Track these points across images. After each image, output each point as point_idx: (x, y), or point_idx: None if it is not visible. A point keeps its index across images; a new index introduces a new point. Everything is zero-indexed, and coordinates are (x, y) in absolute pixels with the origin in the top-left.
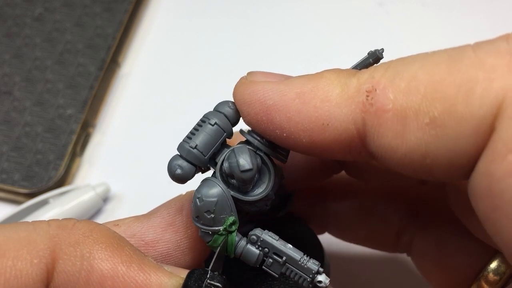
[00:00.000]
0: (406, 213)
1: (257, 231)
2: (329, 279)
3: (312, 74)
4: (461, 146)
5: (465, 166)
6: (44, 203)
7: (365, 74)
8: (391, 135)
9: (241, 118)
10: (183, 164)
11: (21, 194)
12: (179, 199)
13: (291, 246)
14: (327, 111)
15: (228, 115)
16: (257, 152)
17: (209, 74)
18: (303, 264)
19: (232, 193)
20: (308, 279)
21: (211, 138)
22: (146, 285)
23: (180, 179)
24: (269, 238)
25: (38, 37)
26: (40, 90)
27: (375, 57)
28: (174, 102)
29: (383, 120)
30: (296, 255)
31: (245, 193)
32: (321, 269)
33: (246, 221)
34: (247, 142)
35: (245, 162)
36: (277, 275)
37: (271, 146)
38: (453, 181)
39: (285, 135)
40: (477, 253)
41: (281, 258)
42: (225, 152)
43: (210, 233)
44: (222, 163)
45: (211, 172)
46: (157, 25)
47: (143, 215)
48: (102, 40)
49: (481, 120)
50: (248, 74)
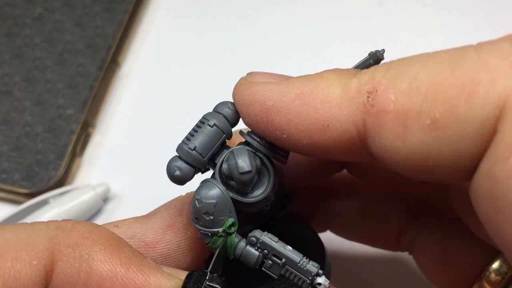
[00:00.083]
0: (407, 212)
1: (257, 233)
2: (328, 281)
3: (312, 75)
4: (463, 148)
5: (467, 168)
6: (44, 203)
7: (365, 74)
8: (392, 137)
9: (240, 118)
10: (182, 165)
11: (21, 194)
12: (179, 200)
13: (290, 248)
14: (327, 112)
15: (228, 116)
16: (256, 153)
17: (209, 74)
18: (302, 266)
19: (231, 194)
20: (308, 281)
21: (210, 139)
22: (145, 287)
23: (179, 180)
24: (269, 239)
25: (38, 37)
26: (40, 90)
27: (375, 58)
28: (174, 102)
29: (384, 122)
30: (295, 257)
31: (245, 194)
32: (320, 271)
33: (246, 221)
34: (246, 143)
35: (244, 164)
36: (276, 277)
37: (270, 147)
38: (455, 182)
39: (285, 136)
40: (479, 253)
41: (280, 260)
42: (224, 154)
43: (209, 234)
44: (221, 165)
45: (210, 173)
46: (157, 25)
47: (143, 216)
48: (102, 40)
49: (483, 121)
50: (248, 74)
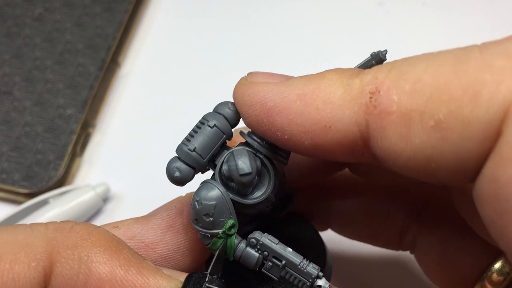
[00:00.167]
0: (410, 211)
1: (257, 234)
2: (328, 284)
3: (314, 75)
4: (467, 150)
5: (471, 170)
6: (44, 203)
7: (368, 75)
8: (395, 138)
9: (241, 118)
10: (182, 166)
11: (21, 194)
12: (179, 201)
13: (290, 250)
14: (329, 113)
15: (228, 116)
16: (256, 154)
17: (209, 74)
18: (302, 268)
19: (231, 196)
20: (308, 283)
21: (210, 140)
22: None
23: (178, 181)
24: (269, 241)
25: (38, 37)
26: (40, 90)
27: (378, 59)
28: (174, 102)
29: (387, 123)
30: (295, 259)
31: (245, 196)
32: (320, 274)
33: (247, 221)
34: (247, 144)
35: (244, 166)
36: (276, 278)
37: (271, 148)
38: (458, 184)
39: (286, 137)
40: (481, 253)
41: (280, 261)
42: (225, 155)
43: (209, 236)
44: (221, 166)
45: (210, 173)
46: (157, 25)
47: (142, 217)
48: (102, 40)
49: (488, 123)
50: (249, 74)
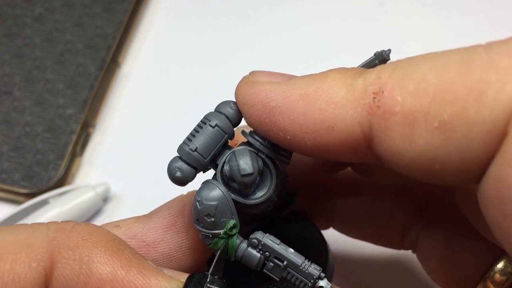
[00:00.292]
0: (412, 210)
1: (258, 235)
2: (330, 284)
3: (316, 74)
4: (471, 151)
5: (476, 171)
6: (44, 203)
7: (371, 74)
8: (399, 139)
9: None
10: (183, 166)
11: (21, 194)
12: (180, 200)
13: (292, 251)
14: (332, 113)
15: (230, 116)
16: (258, 154)
17: (209, 74)
18: (304, 269)
19: (232, 196)
20: (310, 284)
21: (211, 140)
22: None
23: (180, 181)
24: (270, 242)
25: (38, 37)
26: (40, 90)
27: (381, 58)
28: (174, 102)
29: (390, 123)
30: (297, 260)
31: (246, 196)
32: (322, 274)
33: (248, 220)
34: (248, 143)
35: (246, 166)
36: (278, 279)
37: (273, 148)
38: (462, 185)
39: (288, 137)
40: (484, 252)
41: (282, 262)
42: (226, 154)
43: (211, 236)
44: (223, 166)
45: (212, 172)
46: (157, 25)
47: (144, 216)
48: (102, 40)
49: (493, 124)
50: (251, 73)
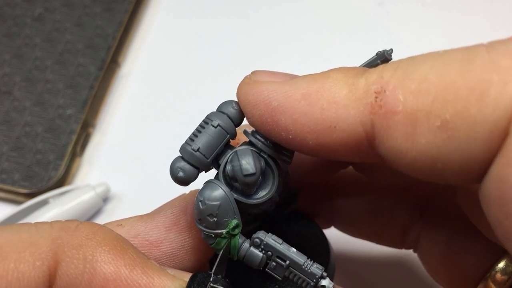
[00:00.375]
0: (413, 209)
1: (261, 234)
2: (332, 284)
3: (318, 74)
4: (473, 150)
5: (477, 170)
6: (44, 203)
7: (373, 74)
8: (401, 138)
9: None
10: (185, 166)
11: (21, 194)
12: (183, 198)
13: (294, 250)
14: (334, 113)
15: (232, 116)
16: (260, 154)
17: (209, 74)
18: (306, 269)
19: (235, 196)
20: (312, 284)
21: (213, 140)
22: None
23: (182, 181)
24: (273, 241)
25: (38, 37)
26: (40, 90)
27: (383, 58)
28: (174, 102)
29: (392, 123)
30: (299, 259)
31: (249, 196)
32: (324, 274)
33: (251, 219)
34: (251, 143)
35: (248, 166)
36: (280, 278)
37: (275, 148)
38: (464, 184)
39: (290, 137)
40: (485, 252)
41: (284, 261)
42: (228, 154)
43: (213, 236)
44: (225, 166)
45: (214, 172)
46: (157, 25)
47: (146, 215)
48: (102, 40)
49: (494, 123)
50: (252, 73)
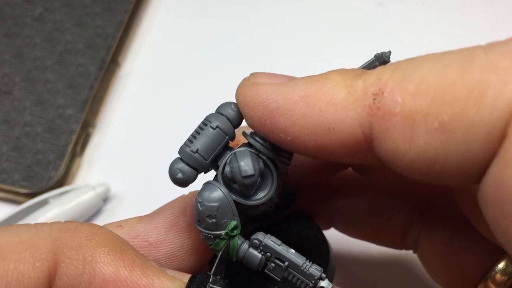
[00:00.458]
0: (413, 210)
1: (260, 235)
2: (331, 285)
3: (317, 75)
4: (471, 152)
5: (476, 172)
6: (44, 203)
7: (371, 76)
8: (399, 140)
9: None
10: (184, 168)
11: (21, 194)
12: (182, 199)
13: (293, 251)
14: (332, 115)
15: (231, 117)
16: (259, 155)
17: (209, 74)
18: (305, 270)
19: (234, 197)
20: (311, 285)
21: (212, 141)
22: None
23: (181, 183)
24: (272, 243)
25: (38, 37)
26: (40, 90)
27: (381, 60)
28: (174, 102)
29: (390, 124)
30: (298, 260)
31: (247, 197)
32: (323, 275)
33: (250, 221)
34: (249, 145)
35: (247, 168)
36: (279, 279)
37: (274, 149)
38: (462, 186)
39: (289, 138)
40: (485, 252)
41: (283, 263)
42: (227, 156)
43: (212, 237)
44: (224, 167)
45: (213, 173)
46: (157, 25)
47: (146, 216)
48: (102, 40)
49: (493, 125)
50: (251, 75)
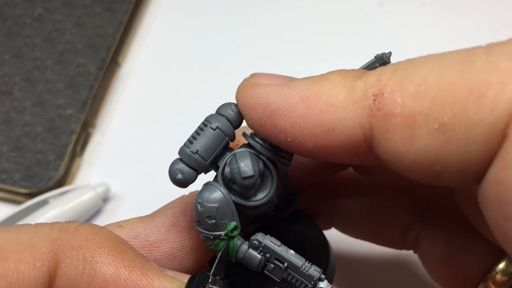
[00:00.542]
0: (413, 210)
1: (259, 236)
2: (330, 286)
3: (317, 76)
4: (471, 152)
5: (476, 173)
6: (44, 203)
7: (371, 76)
8: (399, 141)
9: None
10: (184, 169)
11: (21, 194)
12: (182, 200)
13: (293, 252)
14: (332, 116)
15: (231, 118)
16: (259, 156)
17: (209, 74)
18: (304, 271)
19: (233, 198)
20: (310, 286)
21: (212, 142)
22: None
23: (181, 183)
24: (271, 243)
25: (38, 37)
26: (40, 90)
27: (382, 61)
28: (174, 102)
29: (390, 125)
30: (297, 261)
31: (247, 198)
32: (322, 276)
33: (250, 221)
34: (249, 145)
35: (246, 169)
36: (278, 280)
37: (274, 150)
38: (462, 186)
39: (289, 139)
40: (485, 252)
41: (282, 264)
42: (227, 157)
43: (212, 237)
44: (224, 168)
45: (213, 173)
46: (157, 25)
47: (146, 216)
48: (102, 40)
49: (493, 126)
50: (251, 76)
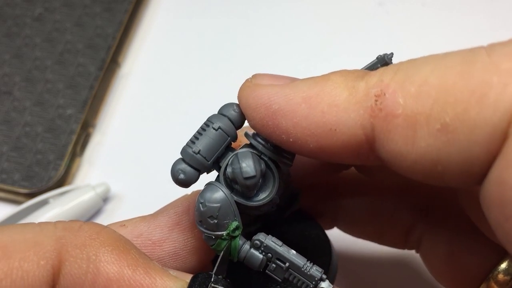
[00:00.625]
0: (416, 209)
1: (261, 236)
2: (332, 286)
3: (319, 77)
4: (473, 153)
5: (478, 173)
6: (44, 203)
7: (373, 77)
8: (401, 141)
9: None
10: (186, 169)
11: (21, 194)
12: (185, 199)
13: (294, 252)
14: (334, 116)
15: (233, 118)
16: (261, 156)
17: (209, 74)
18: (306, 271)
19: (235, 198)
20: (311, 286)
21: (214, 142)
22: None
23: (183, 183)
24: (273, 243)
25: (38, 37)
26: (40, 90)
27: (383, 62)
28: (174, 102)
29: (392, 126)
30: (299, 261)
31: (249, 198)
32: (324, 276)
33: (251, 221)
34: (251, 145)
35: (248, 169)
36: (280, 280)
37: (276, 150)
38: (465, 187)
39: (291, 140)
40: (487, 252)
41: (284, 264)
42: (229, 157)
43: (214, 237)
44: (226, 168)
45: (216, 173)
46: (157, 25)
47: (149, 215)
48: (102, 40)
49: (494, 126)
50: (253, 76)
